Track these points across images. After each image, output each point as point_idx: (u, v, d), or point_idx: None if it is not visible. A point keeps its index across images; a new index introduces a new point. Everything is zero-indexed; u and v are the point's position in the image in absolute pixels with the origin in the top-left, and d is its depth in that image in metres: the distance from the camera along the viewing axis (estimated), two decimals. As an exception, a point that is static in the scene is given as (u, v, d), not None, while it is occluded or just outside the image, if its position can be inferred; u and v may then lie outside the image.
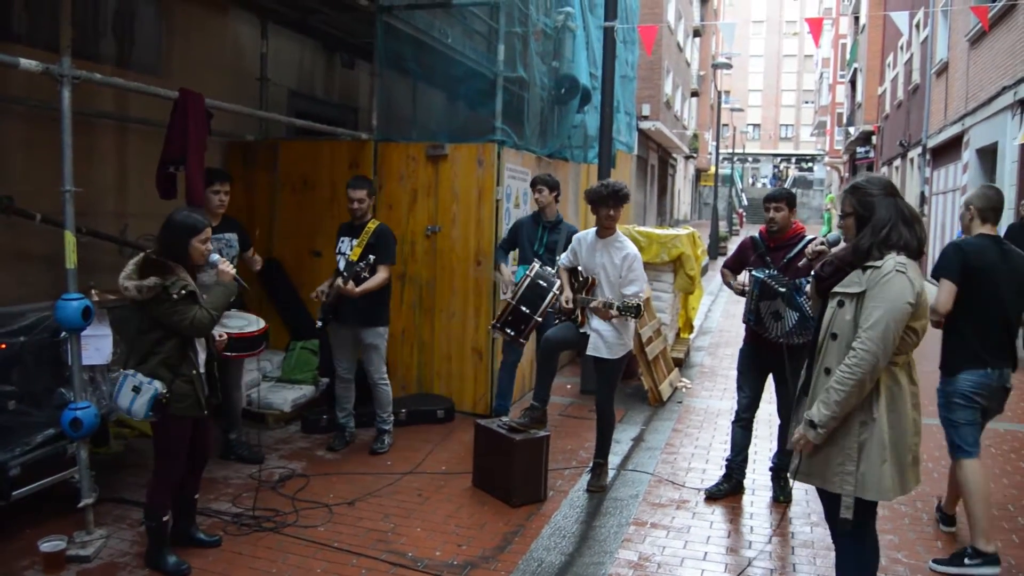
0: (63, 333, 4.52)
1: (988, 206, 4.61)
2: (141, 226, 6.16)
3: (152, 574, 4.12)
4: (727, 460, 5.51)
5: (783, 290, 4.80)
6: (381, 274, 5.88)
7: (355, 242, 5.92)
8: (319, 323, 5.94)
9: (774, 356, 5.08)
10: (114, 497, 4.97)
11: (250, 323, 5.44)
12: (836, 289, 3.28)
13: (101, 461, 5.29)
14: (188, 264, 4.15)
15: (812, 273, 3.64)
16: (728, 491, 5.43)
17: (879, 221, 3.23)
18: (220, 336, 4.50)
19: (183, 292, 4.00)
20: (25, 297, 5.21)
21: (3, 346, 4.56)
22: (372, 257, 5.76)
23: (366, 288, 5.76)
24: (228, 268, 4.28)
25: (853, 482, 3.20)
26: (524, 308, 5.61)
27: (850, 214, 3.34)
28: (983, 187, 4.78)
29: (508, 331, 5.71)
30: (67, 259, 4.22)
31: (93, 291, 4.88)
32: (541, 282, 5.64)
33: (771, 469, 5.49)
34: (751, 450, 5.60)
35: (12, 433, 4.46)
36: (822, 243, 3.70)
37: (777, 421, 5.49)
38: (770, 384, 5.37)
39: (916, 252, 3.23)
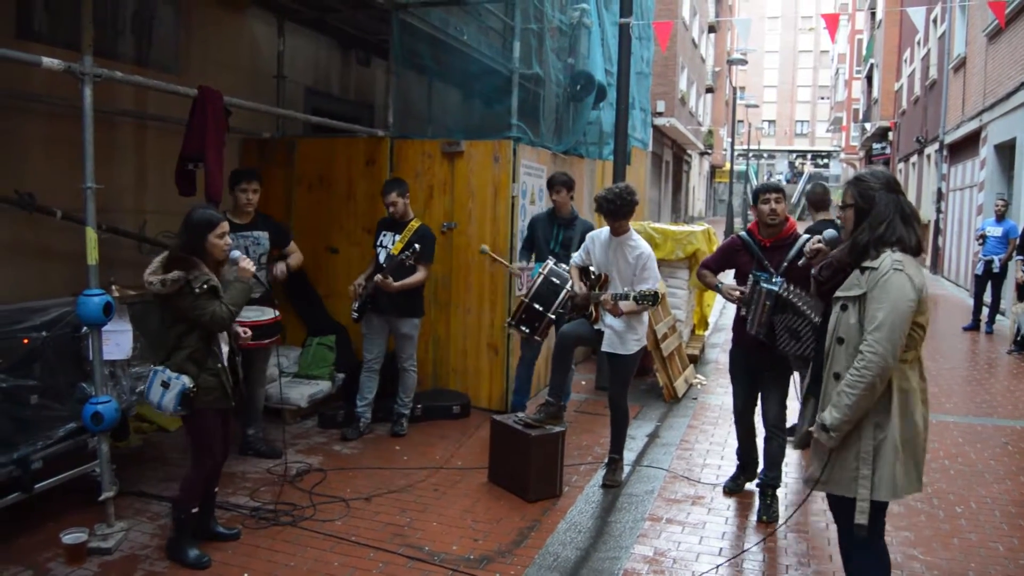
0: (84, 328, 4.56)
1: (816, 199, 6.20)
2: (160, 223, 6.22)
3: (173, 566, 4.16)
4: (738, 453, 5.50)
5: (810, 313, 4.28)
6: (420, 273, 6.14)
7: (398, 237, 6.15)
8: (355, 314, 6.18)
9: (762, 359, 4.93)
10: (134, 491, 5.02)
11: (263, 313, 5.53)
12: (838, 294, 3.25)
13: (121, 455, 5.36)
14: (209, 260, 4.20)
15: (813, 271, 3.58)
16: (745, 483, 5.45)
17: (878, 216, 3.19)
18: (245, 333, 4.57)
19: (205, 287, 4.05)
20: (47, 293, 5.26)
21: (25, 341, 4.59)
22: (418, 247, 5.97)
23: (403, 285, 6.00)
24: (247, 265, 4.32)
25: (868, 485, 3.16)
26: (537, 306, 5.64)
27: (850, 205, 3.30)
28: (813, 184, 6.02)
29: (523, 328, 5.74)
30: (88, 255, 4.27)
31: (114, 287, 4.94)
32: (555, 279, 5.66)
33: (757, 486, 5.25)
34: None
35: (34, 427, 4.51)
36: (819, 241, 3.62)
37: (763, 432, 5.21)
38: None
39: (914, 250, 3.20)
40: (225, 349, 4.31)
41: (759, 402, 5.19)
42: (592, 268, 5.47)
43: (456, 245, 7.12)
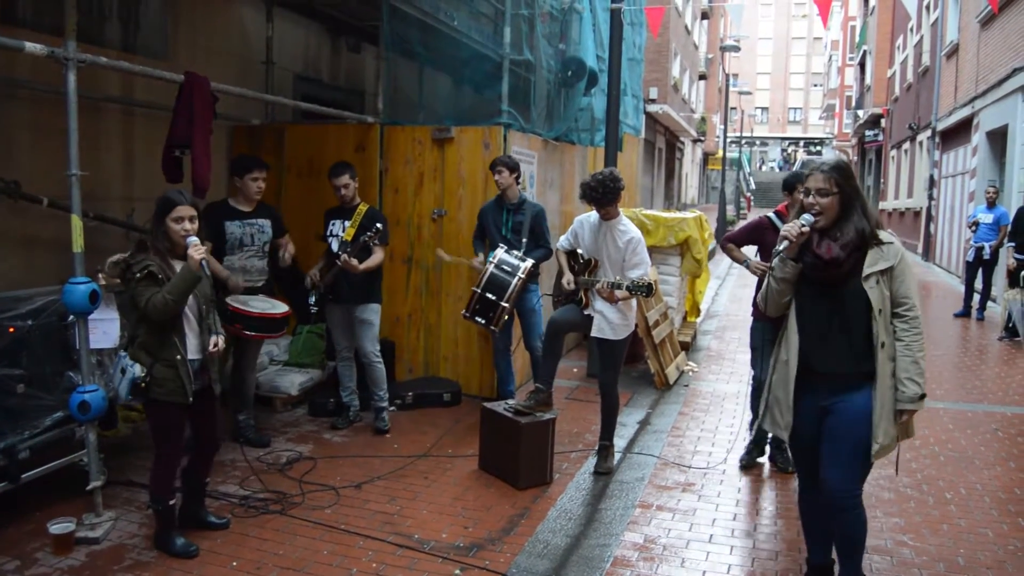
0: (71, 317, 4.52)
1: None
2: (148, 210, 6.10)
3: (160, 556, 4.14)
4: (752, 427, 5.50)
5: None
6: (379, 254, 6.02)
7: (348, 223, 6.05)
8: (313, 308, 6.07)
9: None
10: (122, 480, 5.00)
11: (274, 306, 5.51)
12: (869, 270, 3.45)
13: (109, 444, 5.33)
14: (171, 245, 4.09)
15: (783, 256, 3.62)
16: (758, 457, 5.62)
17: (864, 203, 3.54)
18: (214, 345, 4.28)
19: (144, 271, 3.95)
20: (33, 281, 5.22)
21: (11, 330, 4.56)
22: (380, 226, 5.85)
23: (367, 266, 5.89)
24: (195, 253, 4.03)
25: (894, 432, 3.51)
26: (490, 295, 5.63)
27: (836, 193, 3.49)
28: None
29: (478, 320, 5.72)
30: (74, 243, 4.23)
31: (100, 275, 4.89)
32: (505, 267, 5.65)
33: (771, 440, 5.58)
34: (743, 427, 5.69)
35: (21, 416, 4.48)
36: (804, 225, 3.67)
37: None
38: None
39: (882, 226, 3.57)
40: (194, 341, 4.18)
41: None
42: (581, 252, 5.45)
43: (447, 232, 7.08)
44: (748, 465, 5.60)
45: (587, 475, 5.43)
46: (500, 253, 5.82)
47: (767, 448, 5.72)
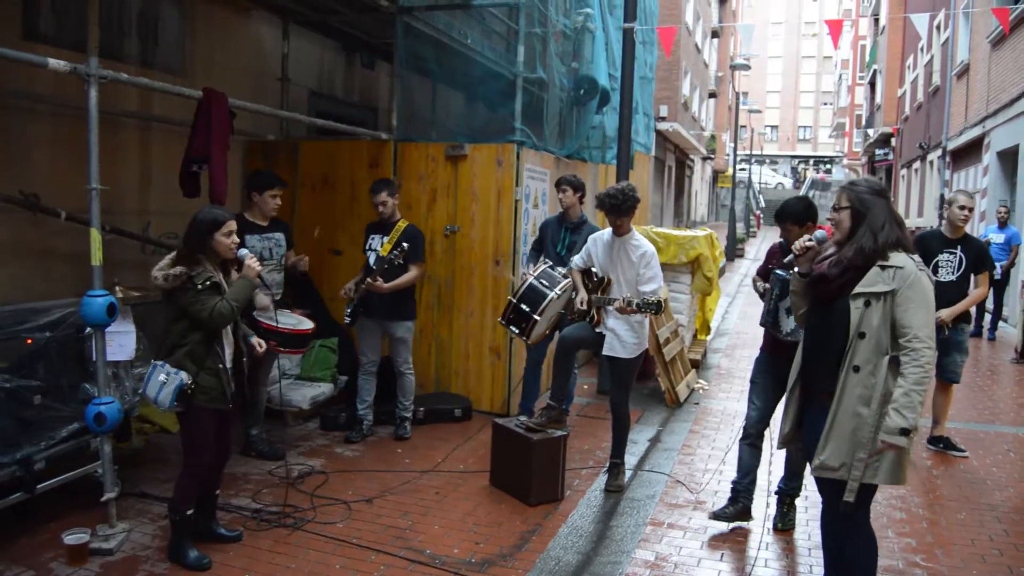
0: (88, 329, 4.57)
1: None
2: (164, 224, 6.24)
3: (174, 568, 4.17)
4: (733, 483, 5.02)
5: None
6: (411, 272, 6.13)
7: (386, 239, 6.14)
8: (347, 319, 6.20)
9: (789, 366, 4.80)
10: (136, 491, 5.03)
11: (300, 323, 5.60)
12: (859, 290, 3.36)
13: (123, 456, 5.35)
14: (214, 259, 4.23)
15: (795, 270, 3.68)
16: (733, 515, 4.94)
17: (876, 221, 3.40)
18: (260, 345, 4.59)
19: (207, 283, 4.09)
20: (51, 293, 5.27)
21: (29, 342, 4.61)
22: (406, 245, 5.94)
23: (395, 285, 5.99)
24: (253, 264, 4.32)
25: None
26: (524, 306, 5.63)
27: (846, 208, 3.49)
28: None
29: (512, 328, 5.74)
30: (92, 256, 4.28)
31: (117, 288, 4.95)
32: (543, 280, 5.65)
33: (776, 493, 5.02)
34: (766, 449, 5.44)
35: (37, 427, 4.51)
36: (810, 239, 3.70)
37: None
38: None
39: (909, 250, 3.42)
40: (229, 350, 4.32)
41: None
42: (595, 270, 5.47)
43: (459, 249, 7.12)
44: (719, 518, 4.95)
45: (598, 492, 5.43)
46: (543, 267, 5.80)
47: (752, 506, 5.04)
